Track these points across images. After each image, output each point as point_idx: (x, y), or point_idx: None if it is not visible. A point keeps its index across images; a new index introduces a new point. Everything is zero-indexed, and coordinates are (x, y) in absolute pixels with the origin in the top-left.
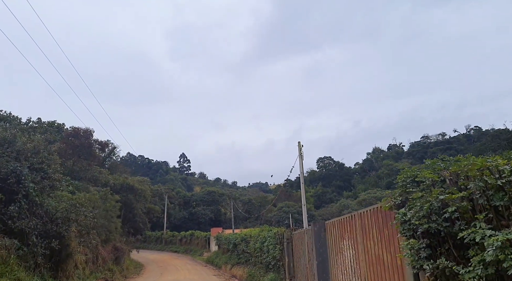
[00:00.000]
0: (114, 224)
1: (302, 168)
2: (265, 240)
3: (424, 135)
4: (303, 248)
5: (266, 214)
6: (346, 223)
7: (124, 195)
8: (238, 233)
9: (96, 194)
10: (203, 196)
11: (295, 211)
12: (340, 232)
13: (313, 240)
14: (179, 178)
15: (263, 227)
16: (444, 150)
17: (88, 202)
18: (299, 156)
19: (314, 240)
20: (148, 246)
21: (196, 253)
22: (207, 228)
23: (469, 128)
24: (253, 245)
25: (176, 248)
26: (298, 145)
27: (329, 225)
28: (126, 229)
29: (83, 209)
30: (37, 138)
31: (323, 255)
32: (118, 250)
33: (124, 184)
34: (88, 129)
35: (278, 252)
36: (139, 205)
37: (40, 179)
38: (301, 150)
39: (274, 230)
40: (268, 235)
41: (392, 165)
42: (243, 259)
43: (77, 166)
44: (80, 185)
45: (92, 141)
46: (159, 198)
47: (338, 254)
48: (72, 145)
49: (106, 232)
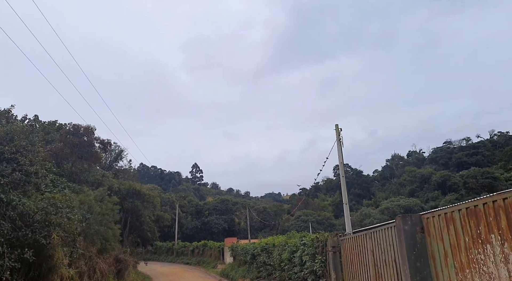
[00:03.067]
0: (112, 231)
1: (342, 156)
2: (297, 249)
3: (447, 141)
4: (364, 259)
5: (283, 224)
6: (487, 212)
7: (130, 202)
8: (257, 242)
9: (90, 194)
10: (216, 205)
11: (314, 220)
12: (473, 229)
13: (400, 245)
14: (192, 188)
15: (291, 233)
16: (470, 155)
17: (79, 204)
18: (337, 142)
19: (401, 245)
20: (159, 257)
21: (209, 265)
22: (220, 238)
23: (493, 133)
24: (277, 256)
25: (188, 260)
26: (335, 128)
27: (435, 220)
28: (133, 238)
29: (66, 210)
30: (15, 125)
31: (423, 270)
32: (120, 262)
33: (131, 189)
34: (89, 126)
35: (319, 265)
36: (147, 212)
37: (11, 171)
38: (340, 135)
39: (311, 236)
40: (302, 243)
41: (415, 172)
42: (264, 273)
43: (76, 168)
44: (78, 187)
45: (93, 139)
46: (170, 207)
47: (467, 270)
48: (71, 144)
49: (102, 240)
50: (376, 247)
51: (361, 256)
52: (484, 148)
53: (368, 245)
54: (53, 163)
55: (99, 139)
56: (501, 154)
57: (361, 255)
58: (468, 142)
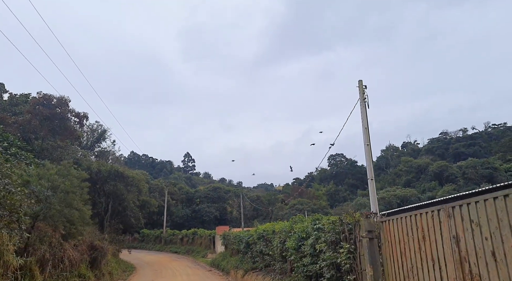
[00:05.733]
0: (78, 213)
1: (367, 120)
2: (307, 235)
3: (443, 131)
4: (434, 250)
5: (276, 212)
6: None
7: (112, 184)
8: (253, 230)
9: (51, 168)
10: (208, 193)
11: (309, 208)
12: None
13: None
14: (183, 177)
15: (296, 217)
16: (468, 146)
17: (37, 179)
18: (360, 101)
19: None
20: (146, 246)
21: (199, 254)
22: (211, 227)
23: (488, 125)
24: (278, 245)
25: (177, 249)
26: (359, 84)
27: None
28: (115, 224)
29: (5, 181)
30: None
31: None
32: (95, 249)
33: (112, 171)
34: (63, 97)
35: (345, 257)
36: (130, 196)
37: None
38: (365, 93)
39: (332, 218)
40: (315, 227)
41: (412, 162)
42: (261, 264)
43: (48, 144)
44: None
45: (67, 111)
46: (159, 194)
47: None
48: (41, 116)
49: (65, 223)
50: (466, 231)
51: (426, 245)
52: (481, 139)
53: (445, 228)
54: (17, 136)
55: (74, 112)
56: (498, 145)
57: (426, 244)
58: (465, 133)
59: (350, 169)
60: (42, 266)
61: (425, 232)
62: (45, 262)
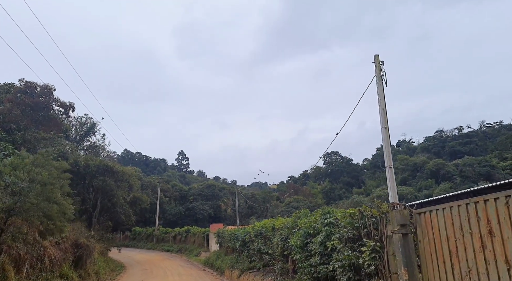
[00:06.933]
0: (58, 207)
1: (384, 99)
2: (315, 231)
3: (439, 130)
4: (502, 249)
5: (272, 210)
6: None
7: (101, 179)
8: (250, 227)
9: (27, 157)
10: (202, 190)
11: (305, 206)
12: None
13: None
14: (177, 175)
15: (301, 212)
16: (464, 144)
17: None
18: (377, 78)
19: None
20: (137, 244)
21: (192, 252)
22: (205, 225)
23: (483, 124)
24: (279, 242)
25: (169, 247)
26: (375, 59)
27: None
28: (104, 221)
29: None
30: None
31: None
32: (80, 247)
33: (101, 165)
34: (48, 85)
35: (369, 257)
36: (120, 192)
37: None
38: (382, 69)
39: (349, 211)
40: (325, 222)
41: (408, 160)
42: (259, 263)
43: (31, 136)
44: None
45: (52, 101)
46: (152, 191)
47: None
48: (22, 105)
49: (42, 218)
50: None
51: (496, 242)
52: (477, 138)
53: None
54: None
55: (59, 101)
56: (495, 144)
57: (496, 241)
58: (460, 132)
59: (345, 167)
60: (17, 266)
61: (493, 226)
62: (21, 262)
